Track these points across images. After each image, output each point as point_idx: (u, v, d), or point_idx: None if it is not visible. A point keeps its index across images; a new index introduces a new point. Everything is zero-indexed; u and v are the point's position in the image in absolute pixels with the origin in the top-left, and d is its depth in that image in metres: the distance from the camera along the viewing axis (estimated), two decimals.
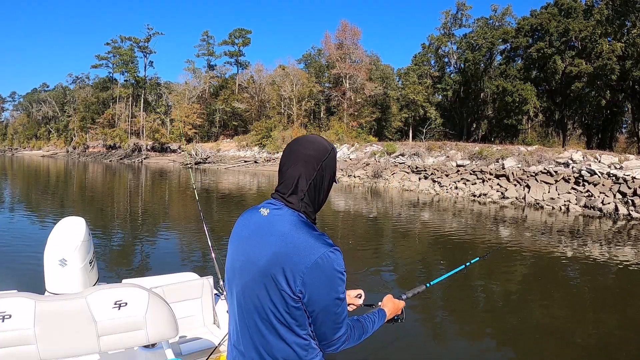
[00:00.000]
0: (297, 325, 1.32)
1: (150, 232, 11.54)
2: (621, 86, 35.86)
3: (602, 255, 9.97)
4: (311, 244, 1.28)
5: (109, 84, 76.99)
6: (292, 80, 52.78)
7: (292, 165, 1.41)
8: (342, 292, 1.32)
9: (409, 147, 30.26)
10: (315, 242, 1.29)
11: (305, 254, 1.27)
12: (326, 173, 1.43)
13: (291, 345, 1.33)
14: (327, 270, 1.27)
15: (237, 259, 1.42)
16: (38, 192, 21.12)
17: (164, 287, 3.08)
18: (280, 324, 1.32)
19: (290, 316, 1.30)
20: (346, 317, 1.39)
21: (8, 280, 5.55)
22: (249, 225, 1.43)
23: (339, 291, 1.30)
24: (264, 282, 1.31)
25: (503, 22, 47.18)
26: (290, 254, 1.28)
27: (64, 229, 3.01)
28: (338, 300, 1.31)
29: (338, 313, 1.33)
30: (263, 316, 1.34)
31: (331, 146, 1.46)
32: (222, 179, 31.21)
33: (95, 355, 2.49)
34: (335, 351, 1.40)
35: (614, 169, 18.40)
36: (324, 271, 1.27)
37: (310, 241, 1.29)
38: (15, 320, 1.88)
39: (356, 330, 1.46)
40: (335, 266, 1.28)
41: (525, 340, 5.17)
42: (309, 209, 1.42)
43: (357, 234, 12.52)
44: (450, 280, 7.68)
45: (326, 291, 1.28)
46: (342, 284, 1.31)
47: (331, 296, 1.29)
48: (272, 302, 1.31)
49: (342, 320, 1.36)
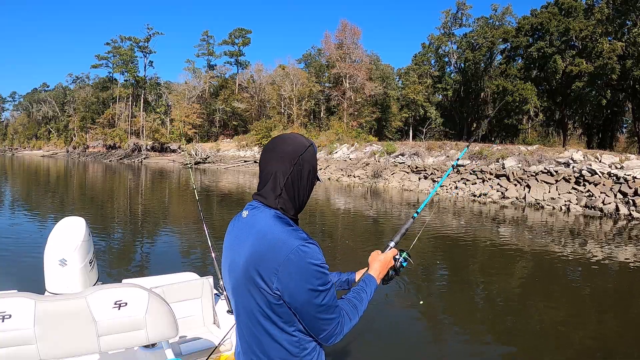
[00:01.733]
0: (284, 322, 1.32)
1: (150, 232, 11.54)
2: (622, 86, 35.82)
3: (602, 255, 9.97)
4: (283, 240, 1.28)
5: (108, 83, 77.04)
6: (292, 80, 52.79)
7: (268, 163, 1.41)
8: (322, 284, 1.30)
9: (409, 147, 30.24)
10: (287, 238, 1.28)
11: (277, 250, 1.27)
12: (304, 168, 1.41)
13: (281, 342, 1.34)
14: (300, 264, 1.26)
15: (225, 264, 1.47)
16: (38, 192, 21.12)
17: (164, 287, 3.08)
18: (267, 322, 1.33)
19: (275, 313, 1.31)
20: (336, 307, 1.37)
21: (8, 280, 5.55)
22: (233, 230, 1.47)
23: (316, 284, 1.28)
24: (246, 283, 1.33)
25: (503, 22, 47.20)
26: (265, 252, 1.29)
27: (64, 228, 3.01)
28: (316, 292, 1.29)
29: (323, 305, 1.32)
30: (251, 316, 1.35)
31: (309, 142, 1.44)
32: (222, 179, 31.21)
33: (95, 355, 2.49)
34: (334, 342, 1.39)
35: (615, 169, 18.37)
36: (297, 266, 1.26)
37: (282, 237, 1.29)
38: (15, 320, 1.88)
39: (349, 313, 1.44)
40: (309, 259, 1.27)
41: (525, 340, 5.17)
42: (287, 205, 1.40)
43: (355, 233, 12.52)
44: (450, 280, 7.69)
45: (302, 285, 1.27)
46: (322, 276, 1.29)
47: (308, 290, 1.28)
48: (255, 302, 1.32)
49: (332, 312, 1.35)
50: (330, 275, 1.35)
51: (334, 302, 1.35)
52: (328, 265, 1.33)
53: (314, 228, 12.56)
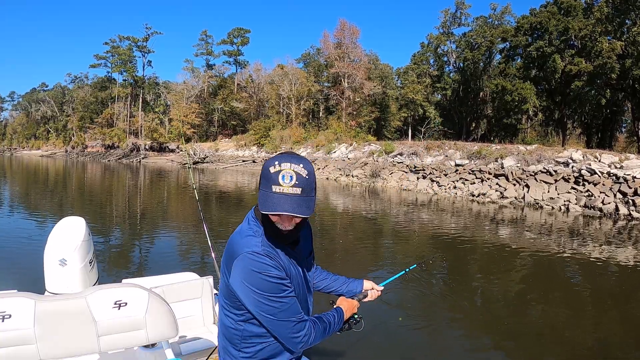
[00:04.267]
0: (233, 307, 1.56)
1: (150, 232, 11.53)
2: (621, 85, 35.85)
3: (602, 255, 9.98)
4: (241, 244, 1.50)
5: (107, 83, 76.92)
6: (290, 80, 52.74)
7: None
8: (265, 292, 1.46)
9: (408, 147, 30.21)
10: (240, 242, 1.51)
11: (234, 251, 1.50)
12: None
13: (227, 325, 1.61)
14: (244, 268, 1.46)
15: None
16: (37, 192, 21.09)
17: (164, 287, 3.07)
18: (225, 304, 1.60)
19: (228, 298, 1.56)
20: (292, 316, 1.52)
21: (8, 280, 5.54)
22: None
23: (259, 290, 1.45)
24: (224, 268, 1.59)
25: (502, 21, 47.16)
26: (229, 251, 1.53)
27: (64, 228, 3.01)
28: (257, 297, 1.46)
29: (271, 314, 1.48)
30: (221, 296, 1.63)
31: (266, 162, 1.54)
32: (221, 179, 31.20)
33: (95, 355, 2.48)
34: (301, 348, 1.57)
35: (614, 169, 18.36)
36: (241, 269, 1.47)
37: (241, 242, 1.51)
38: (15, 320, 1.88)
39: (319, 324, 1.62)
40: (251, 267, 1.45)
41: (525, 340, 5.17)
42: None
43: (350, 233, 12.52)
44: (450, 280, 7.69)
45: (242, 285, 1.47)
46: (265, 284, 1.45)
47: (247, 291, 1.47)
48: (225, 284, 1.57)
49: (287, 319, 1.50)
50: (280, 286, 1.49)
51: (286, 313, 1.50)
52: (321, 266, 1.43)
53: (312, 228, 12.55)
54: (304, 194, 1.42)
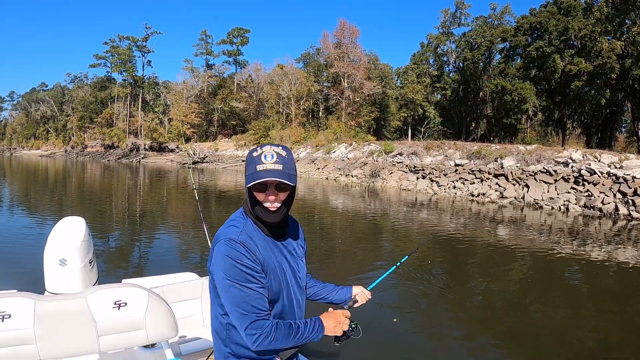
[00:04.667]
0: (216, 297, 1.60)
1: (149, 232, 11.53)
2: (621, 85, 35.85)
3: (601, 255, 9.98)
4: (222, 233, 1.59)
5: (107, 83, 76.90)
6: (290, 80, 52.75)
7: None
8: (232, 277, 1.50)
9: (407, 147, 30.19)
10: (222, 231, 1.60)
11: (215, 239, 1.59)
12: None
13: (215, 315, 1.65)
14: (219, 253, 1.54)
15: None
16: (37, 192, 21.08)
17: (163, 287, 3.07)
18: (211, 294, 1.63)
19: (213, 287, 1.60)
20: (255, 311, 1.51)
21: (8, 280, 5.53)
22: None
23: (226, 275, 1.51)
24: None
25: (502, 21, 47.17)
26: (214, 241, 1.61)
27: (63, 228, 3.01)
28: (225, 283, 1.51)
29: (235, 304, 1.51)
30: (211, 298, 1.66)
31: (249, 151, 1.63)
32: (220, 179, 31.20)
33: (95, 355, 2.48)
34: (257, 346, 1.52)
35: (614, 169, 18.35)
36: (217, 254, 1.54)
37: (223, 231, 1.60)
38: (15, 320, 1.88)
39: (284, 328, 1.56)
40: (225, 252, 1.52)
41: (524, 340, 5.17)
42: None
43: (349, 233, 12.52)
44: (449, 280, 7.69)
45: (218, 270, 1.54)
46: (234, 270, 1.50)
47: (221, 276, 1.53)
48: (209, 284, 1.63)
49: (248, 313, 1.51)
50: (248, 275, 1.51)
51: (246, 307, 1.51)
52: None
53: (311, 227, 12.57)
54: (286, 170, 1.55)
